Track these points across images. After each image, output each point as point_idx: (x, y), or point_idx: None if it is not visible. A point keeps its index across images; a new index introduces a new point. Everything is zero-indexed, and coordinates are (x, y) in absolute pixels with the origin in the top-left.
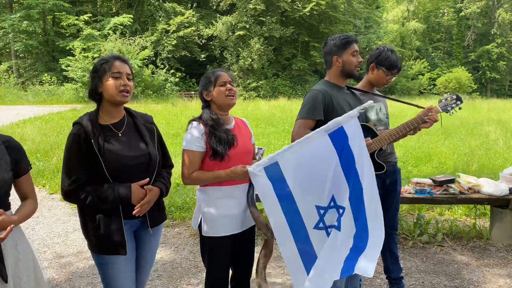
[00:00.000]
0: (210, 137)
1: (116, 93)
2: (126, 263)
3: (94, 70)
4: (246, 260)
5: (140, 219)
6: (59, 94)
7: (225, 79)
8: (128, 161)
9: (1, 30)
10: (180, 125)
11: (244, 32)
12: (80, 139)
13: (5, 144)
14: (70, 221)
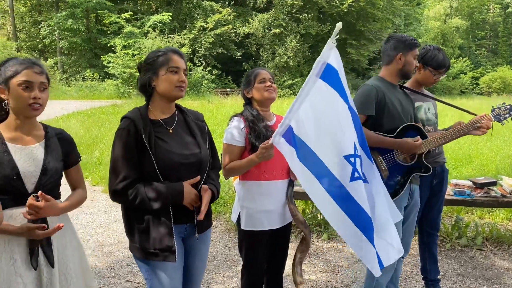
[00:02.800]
0: (250, 132)
1: (172, 88)
2: (174, 270)
3: (148, 62)
4: (280, 255)
5: (188, 225)
6: (101, 89)
7: (264, 76)
8: (179, 159)
9: (48, 28)
10: (216, 121)
11: (280, 30)
12: (130, 134)
13: (57, 136)
14: (111, 212)
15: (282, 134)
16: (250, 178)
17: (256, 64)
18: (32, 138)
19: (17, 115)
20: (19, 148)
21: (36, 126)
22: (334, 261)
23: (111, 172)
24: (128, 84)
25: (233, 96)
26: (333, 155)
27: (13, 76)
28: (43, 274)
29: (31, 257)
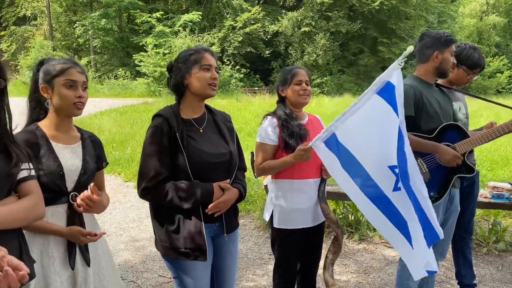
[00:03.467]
0: (283, 131)
1: (205, 86)
2: (203, 269)
3: (181, 60)
4: (313, 255)
5: (217, 224)
6: (132, 88)
7: (301, 78)
8: (210, 159)
9: (82, 27)
10: (244, 120)
11: (310, 28)
12: (163, 132)
13: (90, 139)
14: (143, 208)
15: (323, 140)
16: (282, 177)
17: (284, 63)
18: (70, 138)
19: (59, 114)
20: (61, 147)
21: (73, 127)
22: (365, 262)
23: (142, 169)
24: (158, 83)
25: (261, 94)
26: (379, 164)
27: (57, 75)
28: (78, 273)
29: (69, 257)
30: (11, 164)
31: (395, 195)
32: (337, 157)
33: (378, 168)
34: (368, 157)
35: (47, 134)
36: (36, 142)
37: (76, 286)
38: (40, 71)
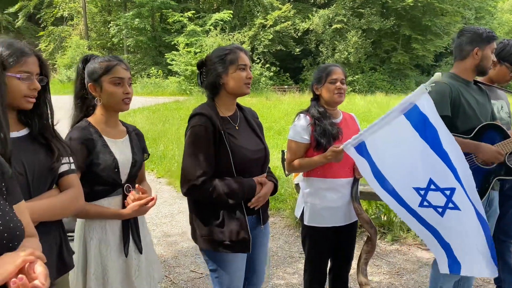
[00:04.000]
0: (315, 129)
1: (241, 85)
2: (242, 261)
3: (217, 60)
4: (345, 254)
5: (254, 216)
6: (164, 86)
7: (336, 77)
8: (250, 155)
9: (117, 27)
10: (273, 118)
11: (342, 25)
12: (208, 130)
13: (134, 132)
14: (175, 204)
15: (354, 146)
16: (314, 175)
17: (315, 61)
18: (119, 133)
19: (107, 110)
20: (113, 142)
21: (119, 122)
22: (398, 263)
23: (189, 168)
24: (190, 81)
25: (291, 93)
26: (403, 183)
27: (104, 74)
28: (132, 260)
29: (124, 245)
30: (53, 158)
31: (422, 211)
32: (368, 163)
33: (402, 186)
34: (392, 174)
35: (98, 129)
36: (91, 138)
37: (130, 272)
38: (85, 69)
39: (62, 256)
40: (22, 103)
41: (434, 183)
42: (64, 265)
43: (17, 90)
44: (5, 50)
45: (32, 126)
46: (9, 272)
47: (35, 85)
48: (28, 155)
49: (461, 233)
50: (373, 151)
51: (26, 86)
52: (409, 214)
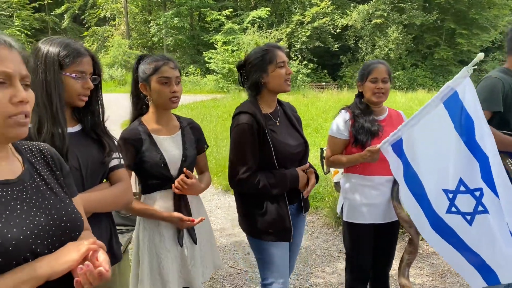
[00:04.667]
0: (354, 125)
1: (282, 83)
2: (286, 248)
3: (256, 60)
4: (385, 253)
5: (295, 205)
6: (202, 84)
7: (376, 75)
8: (291, 149)
9: (157, 26)
10: (311, 116)
11: (382, 21)
12: (253, 128)
13: (189, 125)
14: (213, 200)
15: (391, 144)
16: (354, 171)
17: (354, 57)
18: (171, 129)
19: (157, 108)
20: (162, 139)
21: (172, 118)
22: (442, 266)
23: (235, 163)
24: (227, 79)
25: (329, 90)
26: (433, 183)
27: (153, 73)
28: (186, 250)
29: (178, 236)
30: (104, 153)
31: (449, 217)
32: (402, 165)
33: (432, 188)
34: (426, 173)
35: (149, 128)
36: (140, 137)
37: (185, 262)
38: (138, 69)
39: (112, 248)
40: (76, 101)
41: (464, 183)
42: (113, 256)
43: (72, 89)
44: (63, 50)
45: (84, 123)
46: (75, 260)
47: (89, 84)
48: (82, 150)
49: (491, 239)
50: (408, 149)
51: (80, 85)
52: (431, 228)
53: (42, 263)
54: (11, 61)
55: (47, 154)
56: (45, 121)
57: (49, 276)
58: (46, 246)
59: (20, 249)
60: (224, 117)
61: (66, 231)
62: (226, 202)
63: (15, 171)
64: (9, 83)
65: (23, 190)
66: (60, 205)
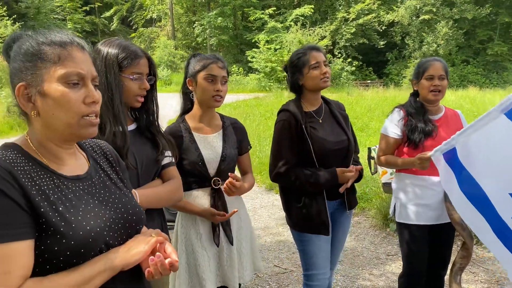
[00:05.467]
0: (407, 124)
1: (317, 82)
2: (326, 242)
3: (293, 64)
4: (441, 256)
5: (338, 201)
6: (244, 83)
7: (432, 73)
8: (331, 146)
9: (201, 27)
10: (355, 114)
11: (430, 16)
12: (291, 125)
13: (233, 125)
14: (257, 198)
15: (443, 152)
16: (407, 171)
17: (400, 54)
18: (213, 128)
19: (201, 106)
20: (202, 137)
21: (215, 117)
22: (498, 272)
23: (274, 158)
24: (269, 78)
25: (374, 88)
26: (498, 188)
27: (201, 70)
28: (223, 250)
29: (213, 235)
30: (158, 151)
31: None
32: (454, 174)
33: (497, 192)
34: (487, 179)
35: (190, 126)
36: (180, 134)
37: (221, 262)
38: (188, 66)
39: None
40: (132, 102)
41: None
42: None
43: (130, 90)
44: (121, 52)
45: (140, 121)
46: (146, 251)
47: (145, 85)
48: (137, 148)
49: None
50: (464, 157)
51: (137, 86)
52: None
53: (117, 254)
54: (84, 63)
55: (107, 151)
56: (107, 121)
57: (123, 266)
58: (116, 238)
59: (97, 241)
60: (267, 116)
61: (132, 223)
62: (270, 201)
63: (82, 167)
64: (82, 84)
65: (92, 185)
66: (125, 199)
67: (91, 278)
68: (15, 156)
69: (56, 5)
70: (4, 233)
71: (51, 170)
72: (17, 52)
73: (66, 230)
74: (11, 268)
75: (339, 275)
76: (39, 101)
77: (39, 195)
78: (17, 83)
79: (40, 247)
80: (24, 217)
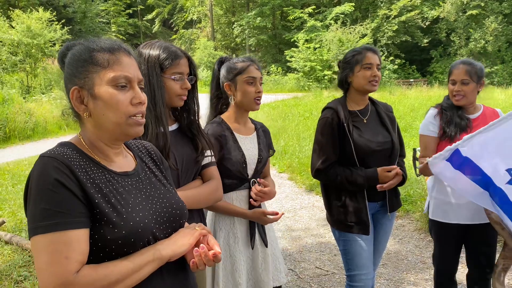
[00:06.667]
0: (442, 117)
1: (366, 83)
2: (368, 242)
3: (346, 60)
4: (483, 256)
5: (380, 203)
6: (283, 83)
7: (454, 77)
8: (374, 147)
9: (240, 27)
10: (398, 114)
11: (478, 11)
12: (333, 122)
13: (262, 129)
14: (297, 199)
15: (445, 158)
16: None
17: (445, 52)
18: (248, 129)
19: (240, 108)
20: (242, 138)
21: (248, 120)
22: None
23: (315, 154)
24: (308, 77)
25: (418, 87)
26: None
27: (240, 73)
28: (258, 253)
29: (251, 238)
30: (198, 152)
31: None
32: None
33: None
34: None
35: (230, 126)
36: (224, 134)
37: (257, 265)
38: (221, 70)
39: None
40: (175, 102)
41: None
42: None
43: (172, 90)
44: (162, 53)
45: (181, 121)
46: (191, 243)
47: (187, 85)
48: (178, 148)
49: None
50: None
51: (179, 86)
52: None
53: (164, 246)
54: (131, 67)
55: (151, 150)
56: (149, 122)
57: (170, 257)
58: (162, 231)
59: (146, 232)
60: (306, 115)
61: (176, 218)
62: (310, 202)
63: (130, 164)
64: (130, 86)
65: (139, 181)
66: (169, 194)
67: (141, 266)
68: (71, 152)
69: (100, 9)
70: (65, 221)
71: (102, 166)
72: (70, 59)
73: (118, 220)
74: (70, 254)
75: (383, 279)
76: (91, 103)
77: (93, 188)
78: (71, 87)
79: (94, 236)
80: (81, 207)
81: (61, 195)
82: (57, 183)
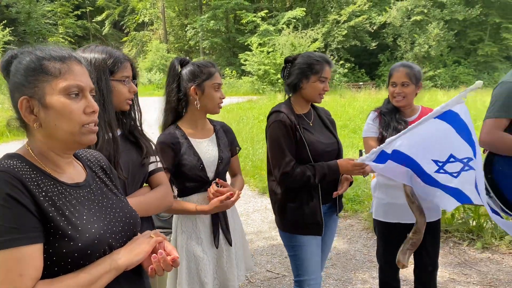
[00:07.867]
0: (381, 122)
1: (316, 95)
2: (317, 247)
3: (305, 65)
4: (423, 256)
5: (328, 205)
6: (237, 86)
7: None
8: (324, 148)
9: (193, 30)
10: (348, 116)
11: (422, 17)
12: (286, 124)
13: (222, 128)
14: (250, 202)
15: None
16: None
17: (392, 56)
18: (206, 132)
19: (200, 112)
20: (198, 142)
21: (207, 122)
22: (490, 273)
23: (278, 158)
24: (262, 81)
25: (367, 90)
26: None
27: (207, 79)
28: (222, 252)
29: (214, 238)
30: (142, 155)
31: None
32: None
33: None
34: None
35: (185, 132)
36: (178, 141)
37: (221, 264)
38: (183, 72)
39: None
40: (123, 106)
41: (453, 156)
42: None
43: (121, 93)
44: (109, 58)
45: (124, 127)
46: (147, 251)
47: (134, 88)
48: (123, 155)
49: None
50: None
51: (127, 89)
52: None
53: (120, 255)
54: (83, 75)
55: (100, 159)
56: (100, 129)
57: (127, 266)
58: (118, 241)
59: (102, 243)
60: (260, 118)
61: (130, 226)
62: (263, 205)
63: (80, 175)
64: (82, 95)
65: (91, 192)
66: (121, 204)
67: (98, 277)
68: (21, 165)
69: (47, 10)
70: (18, 238)
71: (53, 178)
72: (17, 67)
73: (73, 233)
74: (24, 270)
75: (332, 279)
76: (42, 112)
77: (46, 201)
78: (19, 97)
79: (48, 250)
80: (35, 222)
81: (14, 211)
82: (9, 198)
